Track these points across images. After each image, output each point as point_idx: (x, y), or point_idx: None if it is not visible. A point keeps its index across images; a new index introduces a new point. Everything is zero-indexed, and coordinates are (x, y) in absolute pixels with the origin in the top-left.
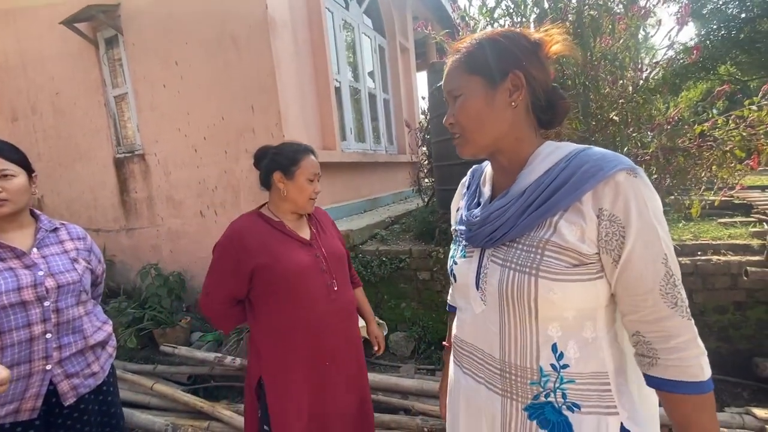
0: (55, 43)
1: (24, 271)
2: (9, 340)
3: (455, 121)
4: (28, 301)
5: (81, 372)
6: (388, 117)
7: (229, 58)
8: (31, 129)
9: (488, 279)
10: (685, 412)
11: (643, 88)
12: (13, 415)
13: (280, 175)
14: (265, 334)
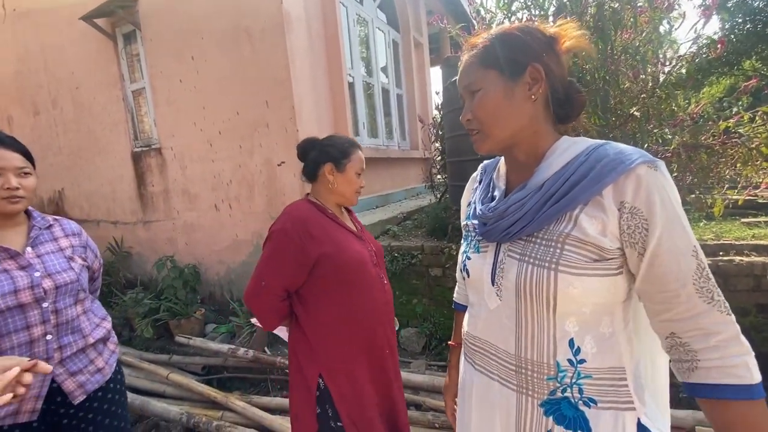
0: (75, 39)
1: (20, 273)
2: (8, 344)
3: (473, 117)
4: (26, 304)
5: (85, 369)
6: (401, 112)
7: (244, 53)
8: (52, 123)
9: (505, 274)
10: (732, 421)
11: (666, 82)
12: (12, 417)
13: (331, 167)
14: (323, 329)
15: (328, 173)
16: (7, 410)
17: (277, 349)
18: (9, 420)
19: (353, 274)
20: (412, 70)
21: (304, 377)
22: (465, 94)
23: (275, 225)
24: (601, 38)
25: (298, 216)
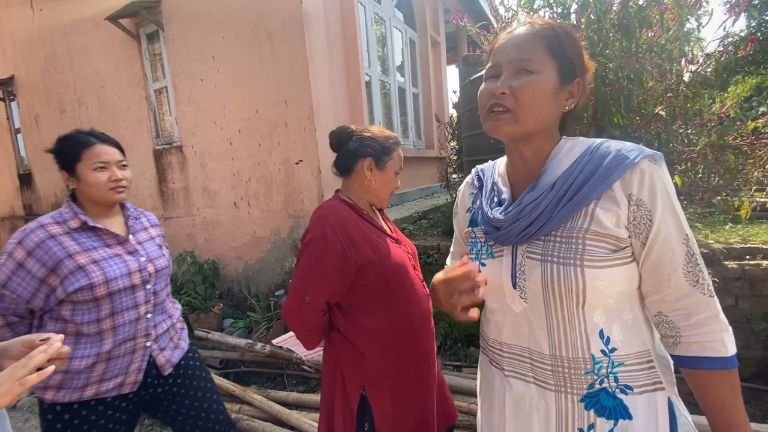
0: (100, 38)
1: (129, 258)
2: (121, 320)
3: (511, 93)
4: (136, 285)
5: (169, 345)
6: (417, 111)
7: (264, 52)
8: (77, 121)
9: (528, 276)
10: (709, 388)
11: (693, 81)
12: (118, 389)
13: (371, 163)
14: (368, 340)
15: (366, 169)
16: (114, 383)
17: None
18: (114, 392)
19: (396, 281)
20: (428, 69)
21: (345, 390)
22: (509, 65)
23: (313, 231)
24: (626, 36)
25: (337, 219)
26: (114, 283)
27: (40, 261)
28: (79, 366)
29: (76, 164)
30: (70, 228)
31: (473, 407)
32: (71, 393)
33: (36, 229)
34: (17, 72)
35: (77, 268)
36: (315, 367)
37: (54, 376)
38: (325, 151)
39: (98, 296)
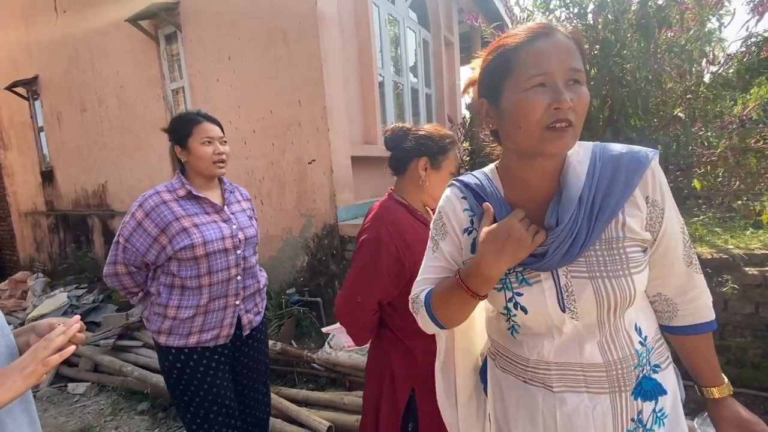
0: (120, 40)
1: (223, 225)
2: (215, 278)
3: (574, 109)
4: (229, 249)
5: (252, 309)
6: (430, 112)
7: (278, 53)
8: (98, 119)
9: (578, 296)
10: (698, 347)
11: (714, 82)
12: (215, 340)
13: (427, 162)
14: (418, 340)
15: (422, 168)
16: (212, 334)
17: (303, 342)
18: (212, 342)
19: None
20: (442, 69)
21: (394, 389)
22: (562, 75)
23: (368, 232)
24: (644, 36)
25: (392, 221)
26: (210, 245)
27: (154, 222)
28: (184, 315)
29: (188, 139)
30: (178, 196)
31: None
32: (178, 339)
33: (152, 195)
34: (41, 72)
35: (182, 230)
36: (325, 365)
37: (165, 322)
38: (337, 151)
39: (198, 255)
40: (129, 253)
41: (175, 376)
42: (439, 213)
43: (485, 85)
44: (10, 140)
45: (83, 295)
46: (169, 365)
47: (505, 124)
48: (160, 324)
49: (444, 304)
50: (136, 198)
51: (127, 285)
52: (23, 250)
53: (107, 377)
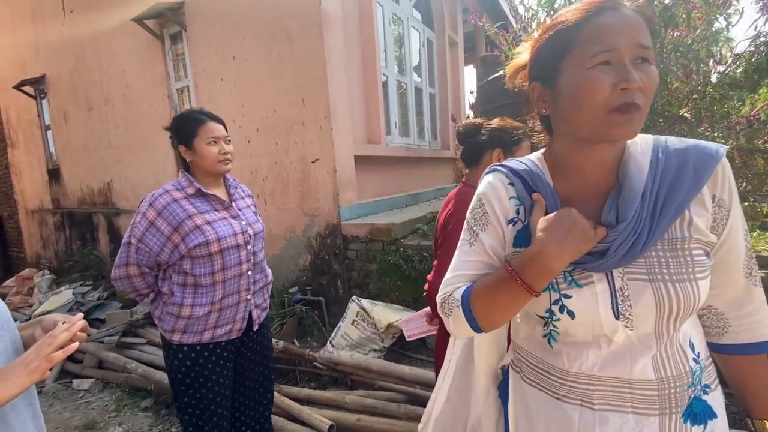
0: (126, 39)
1: (233, 221)
2: (229, 274)
3: (642, 88)
4: (240, 245)
5: (261, 305)
6: (433, 111)
7: (282, 52)
8: (104, 118)
9: (635, 301)
10: (752, 370)
11: (721, 82)
12: (227, 335)
13: (500, 153)
14: None
15: (496, 159)
16: (225, 329)
17: (305, 341)
18: (225, 337)
19: None
20: (446, 69)
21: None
22: (631, 52)
23: (459, 213)
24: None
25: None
26: (224, 241)
27: (167, 220)
28: (199, 313)
29: (193, 139)
30: (187, 194)
31: None
32: (193, 336)
33: (163, 194)
34: (48, 71)
35: (195, 228)
36: (327, 364)
37: (179, 322)
38: (341, 150)
39: (212, 252)
40: (142, 254)
41: (183, 372)
42: (480, 200)
43: (538, 67)
44: (18, 139)
45: (88, 292)
46: (178, 362)
47: (563, 106)
48: (173, 323)
49: (489, 301)
50: (143, 198)
51: (139, 287)
52: (30, 248)
53: (111, 374)
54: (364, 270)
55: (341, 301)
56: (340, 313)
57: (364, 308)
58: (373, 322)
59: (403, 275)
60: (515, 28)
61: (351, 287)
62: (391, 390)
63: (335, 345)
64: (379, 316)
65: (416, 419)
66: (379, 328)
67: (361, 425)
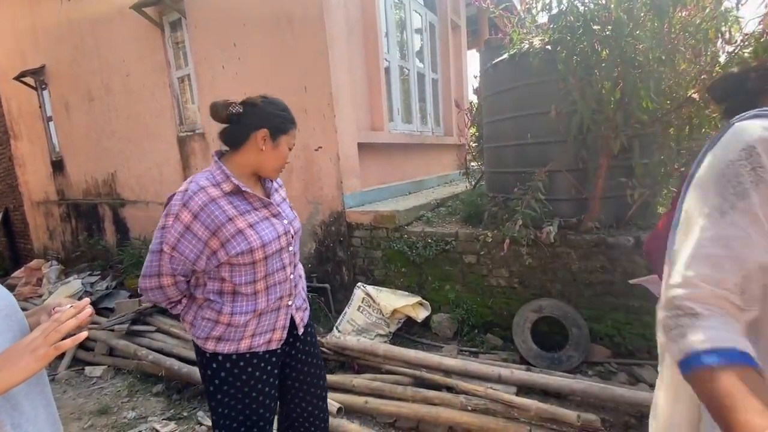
0: (125, 27)
1: (275, 220)
2: (273, 281)
3: None
4: (283, 247)
5: (301, 306)
6: (436, 97)
7: (284, 38)
8: (105, 108)
9: None
10: None
11: (731, 62)
12: (266, 344)
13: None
14: None
15: None
16: (264, 338)
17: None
18: (264, 347)
19: None
20: (448, 53)
21: None
22: None
23: None
24: (658, 16)
25: None
26: (269, 247)
27: (204, 224)
28: (239, 321)
29: (282, 135)
30: (224, 191)
31: (490, 392)
32: (230, 345)
33: (198, 192)
34: (48, 61)
35: (237, 232)
36: (334, 349)
37: (216, 329)
38: (344, 137)
39: (256, 260)
40: (176, 263)
41: (217, 383)
42: (749, 151)
43: None
44: (20, 130)
45: (96, 282)
46: (212, 372)
47: None
48: (209, 330)
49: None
50: (148, 188)
51: (172, 296)
52: (37, 239)
53: (122, 361)
54: (369, 257)
55: (347, 288)
56: (346, 300)
57: (369, 294)
58: (379, 308)
59: (407, 261)
60: (519, 10)
61: (356, 274)
62: (397, 373)
63: (341, 330)
64: (385, 302)
65: (422, 401)
66: (385, 314)
67: (368, 407)
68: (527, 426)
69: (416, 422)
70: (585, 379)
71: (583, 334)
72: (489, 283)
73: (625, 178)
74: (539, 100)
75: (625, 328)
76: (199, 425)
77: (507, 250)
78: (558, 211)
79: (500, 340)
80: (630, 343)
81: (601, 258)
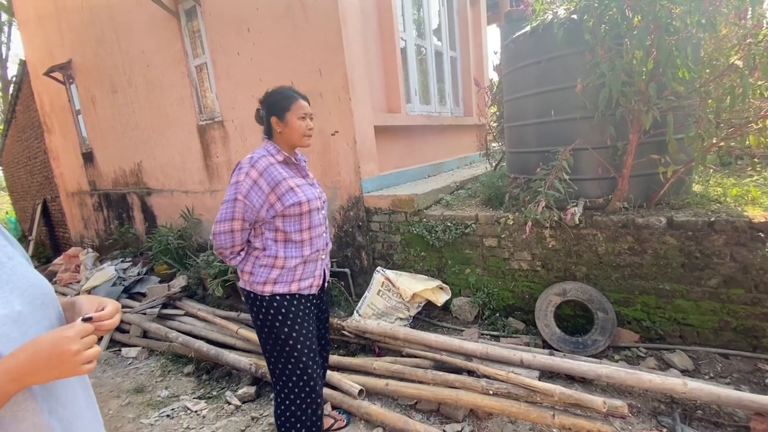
0: (143, 17)
1: (311, 188)
2: (314, 233)
3: None
4: (320, 208)
5: (328, 264)
6: (455, 76)
7: (297, 21)
8: (128, 100)
9: None
10: None
11: None
12: (309, 288)
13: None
14: None
15: None
16: (308, 282)
17: (332, 311)
18: (307, 290)
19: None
20: (467, 29)
21: None
22: None
23: None
24: None
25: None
26: (312, 203)
27: (266, 180)
28: (291, 264)
29: (286, 112)
30: (277, 160)
31: (512, 376)
32: (283, 286)
33: (261, 157)
34: (74, 56)
35: (289, 189)
36: (355, 332)
37: (272, 272)
38: (360, 121)
39: (303, 211)
40: (248, 209)
41: (279, 322)
42: None
43: None
44: (53, 124)
45: (129, 268)
46: (271, 313)
47: None
48: (267, 275)
49: None
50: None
51: (238, 242)
52: (73, 228)
53: (155, 342)
54: (388, 241)
55: (366, 272)
56: (366, 284)
57: (389, 279)
58: (398, 292)
59: (427, 246)
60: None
61: (375, 258)
62: (417, 357)
63: (362, 314)
64: (404, 287)
65: (443, 384)
66: (404, 298)
67: (389, 390)
68: (550, 411)
69: (437, 405)
70: (611, 364)
71: (610, 318)
72: (510, 267)
73: (656, 154)
74: (563, 75)
75: (655, 312)
76: (228, 404)
77: (529, 232)
78: (583, 191)
79: (522, 324)
80: (660, 327)
81: (629, 239)
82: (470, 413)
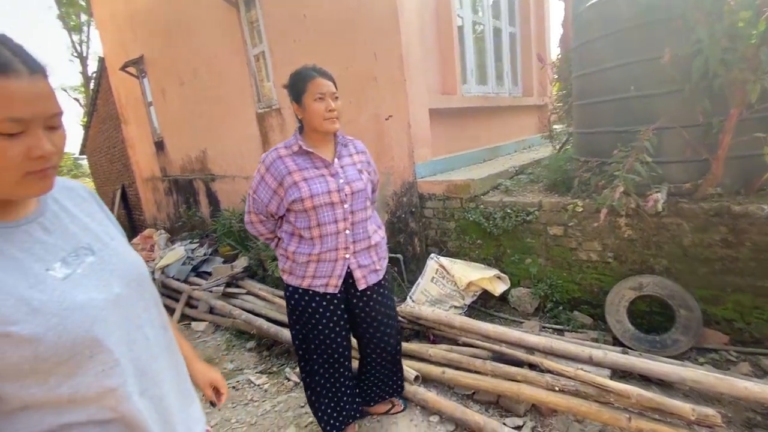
0: (205, 10)
1: (330, 179)
2: (325, 231)
3: None
4: (335, 203)
5: (368, 266)
6: (514, 54)
7: (351, 4)
8: (194, 91)
9: None
10: None
11: None
12: (324, 287)
13: None
14: None
15: None
16: (322, 281)
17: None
18: (322, 288)
19: None
20: (528, 3)
21: None
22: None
23: None
24: None
25: None
26: (317, 198)
27: (273, 175)
28: (300, 259)
29: (303, 95)
30: (292, 151)
31: (580, 373)
32: (295, 279)
33: (271, 152)
34: (145, 51)
35: (293, 184)
36: (408, 317)
37: (286, 263)
38: (415, 104)
39: (307, 207)
40: (257, 204)
41: (290, 308)
42: None
43: None
44: (128, 116)
45: (196, 248)
46: (287, 298)
47: None
48: (283, 263)
49: None
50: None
51: (262, 232)
52: (147, 211)
53: (221, 318)
54: (442, 228)
55: (419, 259)
56: (419, 270)
57: (443, 266)
58: (453, 280)
59: (483, 233)
60: None
61: (428, 245)
62: (474, 346)
63: (415, 300)
64: (459, 274)
65: (502, 377)
66: (459, 286)
67: (445, 378)
68: (625, 413)
69: (496, 397)
70: (696, 367)
71: (695, 316)
72: (578, 257)
73: (762, 133)
74: (646, 45)
75: (751, 312)
76: (287, 380)
77: (603, 220)
78: (667, 175)
79: (589, 319)
80: (757, 329)
81: (722, 230)
82: (532, 408)
